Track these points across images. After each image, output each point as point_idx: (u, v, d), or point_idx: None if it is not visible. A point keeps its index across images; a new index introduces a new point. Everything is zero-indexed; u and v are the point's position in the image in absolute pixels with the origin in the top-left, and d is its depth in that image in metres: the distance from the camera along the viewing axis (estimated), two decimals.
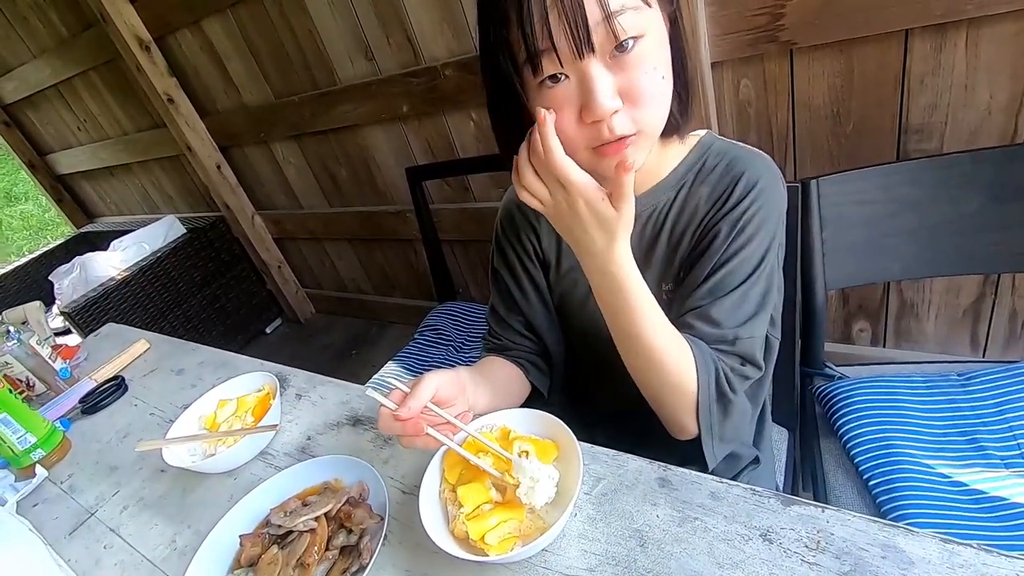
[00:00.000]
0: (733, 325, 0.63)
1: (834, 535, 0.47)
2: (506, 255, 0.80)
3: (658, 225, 0.69)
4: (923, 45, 1.05)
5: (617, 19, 0.49)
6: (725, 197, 0.64)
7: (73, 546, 0.75)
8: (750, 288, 0.63)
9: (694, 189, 0.67)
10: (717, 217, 0.64)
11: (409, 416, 0.54)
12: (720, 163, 0.67)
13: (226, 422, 0.83)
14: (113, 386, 1.06)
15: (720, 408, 0.63)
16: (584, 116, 0.53)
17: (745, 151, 0.68)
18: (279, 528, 0.61)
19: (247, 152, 2.35)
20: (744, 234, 0.63)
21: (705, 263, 0.64)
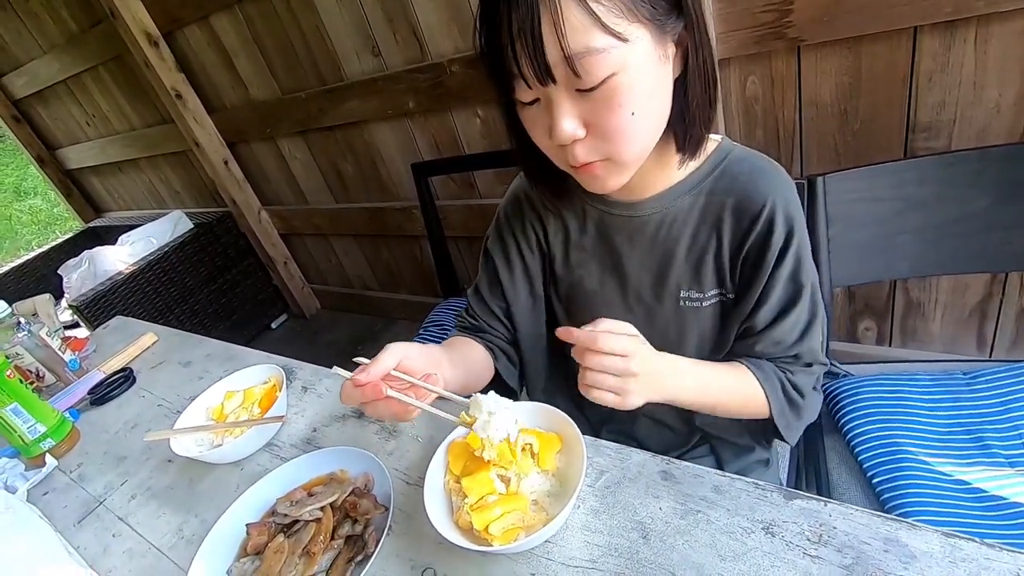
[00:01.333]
0: (794, 343, 0.67)
1: (836, 529, 0.47)
2: (504, 241, 0.80)
3: (675, 230, 0.68)
4: (932, 42, 1.05)
5: (579, 61, 0.48)
6: (764, 223, 0.63)
7: (82, 534, 0.76)
8: (803, 306, 0.66)
9: (717, 199, 0.66)
10: (755, 242, 0.64)
11: (367, 381, 0.54)
12: (742, 173, 0.65)
13: (233, 413, 0.83)
14: (121, 378, 1.07)
15: (793, 412, 0.68)
16: (551, 137, 0.54)
17: (767, 164, 0.67)
18: (285, 517, 0.62)
19: (254, 148, 2.36)
20: (788, 259, 0.64)
21: (753, 288, 0.65)
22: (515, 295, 0.80)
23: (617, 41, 0.48)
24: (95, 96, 2.76)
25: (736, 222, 0.65)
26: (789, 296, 0.65)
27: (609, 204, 0.71)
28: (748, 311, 0.66)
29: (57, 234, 5.55)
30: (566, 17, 0.47)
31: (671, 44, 0.54)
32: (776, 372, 0.68)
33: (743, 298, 0.67)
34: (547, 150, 0.58)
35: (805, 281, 0.65)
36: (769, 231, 0.63)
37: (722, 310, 0.70)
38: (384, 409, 0.56)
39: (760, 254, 0.64)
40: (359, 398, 0.55)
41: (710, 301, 0.69)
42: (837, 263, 0.96)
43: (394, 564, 0.57)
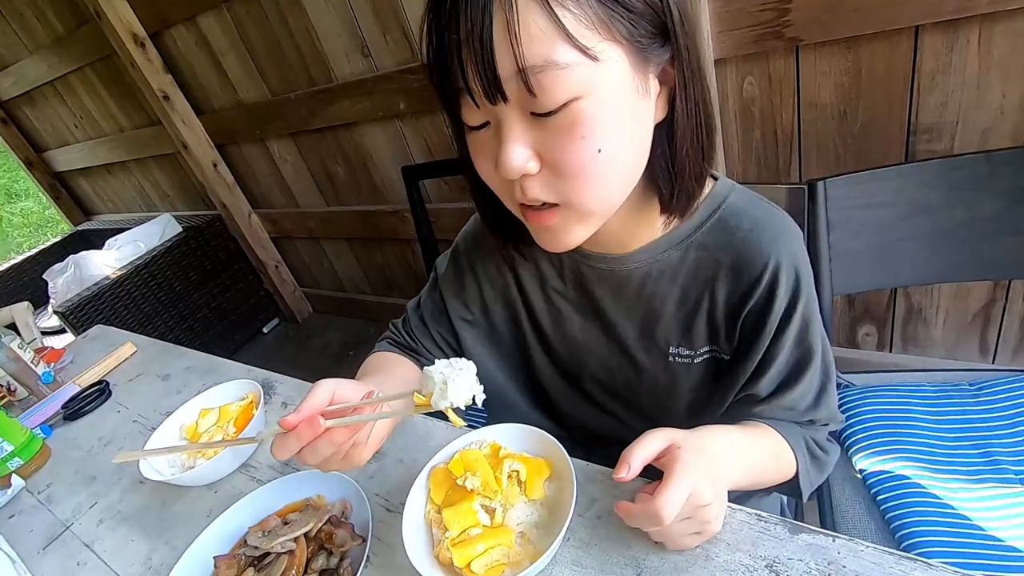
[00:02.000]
0: (807, 409, 0.60)
1: (846, 568, 0.44)
2: (462, 281, 0.70)
3: (662, 286, 0.60)
4: (934, 42, 1.02)
5: (536, 77, 0.40)
6: (765, 287, 0.54)
7: (46, 562, 0.72)
8: (814, 371, 0.58)
9: (710, 255, 0.57)
10: (756, 306, 0.55)
11: (298, 420, 0.46)
12: (741, 229, 0.55)
13: (207, 432, 0.79)
14: (97, 391, 1.03)
15: (816, 471, 0.62)
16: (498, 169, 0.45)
17: (769, 217, 0.56)
18: (256, 549, 0.58)
19: (244, 150, 2.32)
20: (793, 324, 0.55)
21: (752, 354, 0.57)
22: (466, 341, 0.70)
23: (584, 58, 0.40)
24: (82, 98, 2.72)
25: (733, 283, 0.56)
26: (796, 361, 0.57)
27: (585, 255, 0.62)
28: (747, 376, 0.58)
29: (48, 236, 5.49)
30: (524, 21, 0.39)
31: (653, 78, 0.45)
32: (798, 428, 0.61)
33: (741, 362, 0.58)
34: (495, 187, 0.49)
35: (815, 344, 0.57)
36: (771, 295, 0.54)
37: (716, 367, 0.62)
38: (326, 447, 0.47)
39: (761, 318, 0.55)
40: (294, 443, 0.46)
41: (702, 358, 0.61)
42: (837, 271, 0.93)
43: None
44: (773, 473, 0.59)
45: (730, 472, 0.50)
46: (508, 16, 0.39)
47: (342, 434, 0.47)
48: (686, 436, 0.48)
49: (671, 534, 0.47)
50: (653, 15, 0.43)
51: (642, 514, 0.46)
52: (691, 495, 0.44)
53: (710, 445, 0.49)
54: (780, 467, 0.59)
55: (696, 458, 0.46)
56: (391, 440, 0.70)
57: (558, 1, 0.39)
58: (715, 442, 0.50)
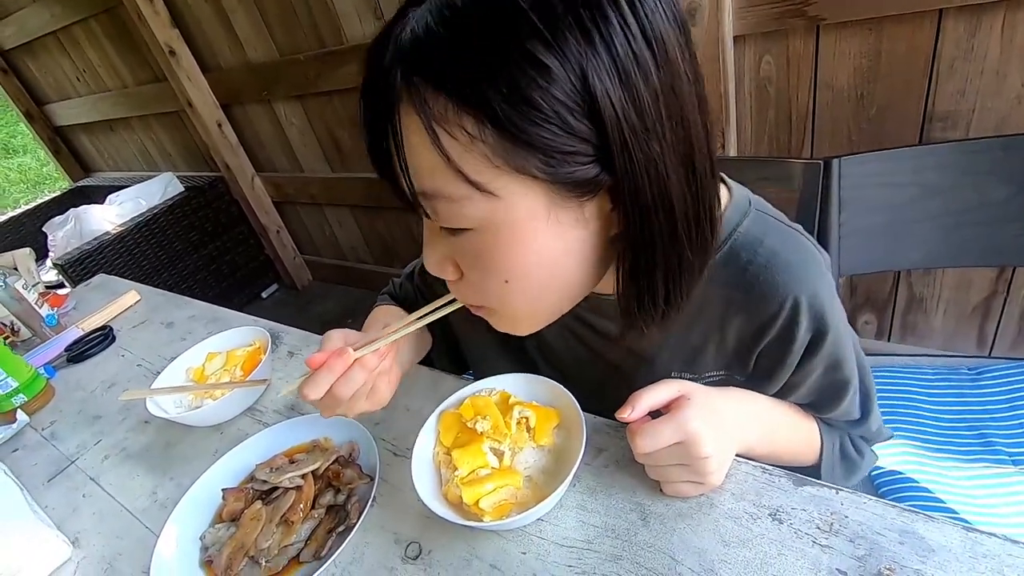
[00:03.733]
0: (854, 424, 0.60)
1: (848, 518, 0.45)
2: None
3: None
4: (956, 27, 1.01)
5: (429, 202, 0.39)
6: (783, 325, 0.49)
7: (51, 493, 0.73)
8: (854, 400, 0.56)
9: (720, 291, 0.50)
10: (773, 340, 0.50)
11: (326, 356, 0.48)
12: (755, 265, 0.48)
13: (214, 375, 0.80)
14: (100, 336, 1.03)
15: (844, 467, 0.61)
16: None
17: (791, 253, 0.49)
18: (264, 484, 0.58)
19: (249, 111, 2.29)
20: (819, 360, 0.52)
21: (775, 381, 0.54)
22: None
23: (476, 192, 0.37)
24: (86, 50, 2.67)
25: (746, 321, 0.51)
26: (833, 391, 0.55)
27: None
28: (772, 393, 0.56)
29: (46, 193, 5.43)
30: (412, 148, 0.37)
31: (591, 203, 0.39)
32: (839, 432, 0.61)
33: (762, 384, 0.55)
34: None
35: (850, 376, 0.54)
36: (790, 331, 0.49)
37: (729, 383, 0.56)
38: (360, 374, 0.48)
39: (781, 353, 0.51)
40: (326, 377, 0.48)
41: (709, 380, 0.56)
42: (846, 251, 0.93)
43: (377, 537, 0.54)
44: (795, 449, 0.57)
45: (743, 433, 0.50)
46: (396, 142, 0.37)
47: (372, 360, 0.49)
48: (699, 390, 0.48)
49: (664, 474, 0.48)
50: (586, 144, 0.36)
51: (627, 432, 0.47)
52: (685, 442, 0.45)
53: (723, 403, 0.49)
54: (803, 448, 0.58)
55: (700, 410, 0.46)
56: (398, 389, 0.71)
57: (446, 132, 0.35)
58: (731, 402, 0.51)
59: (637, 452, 0.47)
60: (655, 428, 0.46)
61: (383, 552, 0.53)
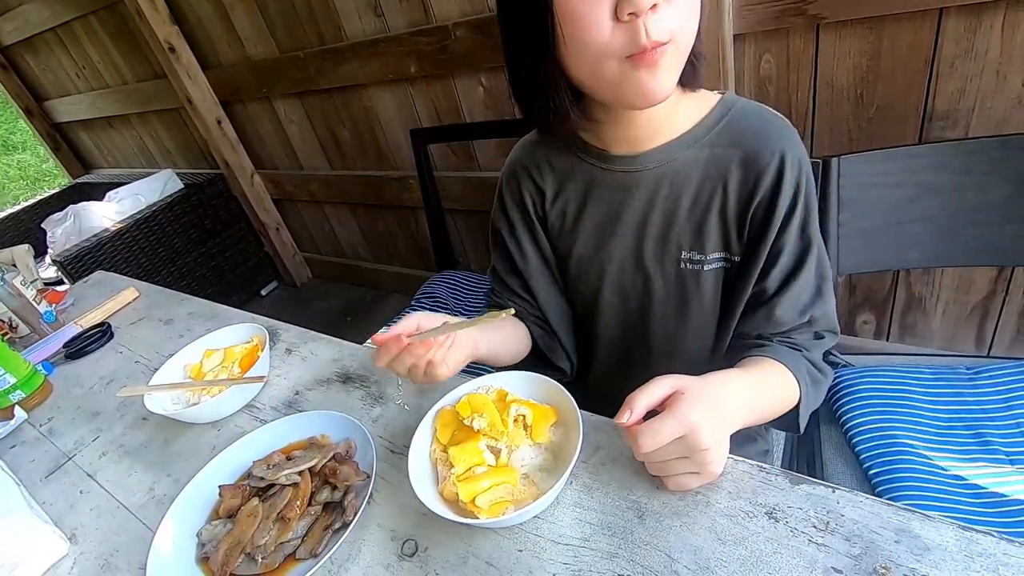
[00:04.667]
0: (807, 309, 0.64)
1: (844, 516, 0.45)
2: (507, 213, 0.76)
3: (677, 185, 0.64)
4: (957, 26, 1.01)
5: None
6: (773, 176, 0.60)
7: (49, 489, 0.73)
8: (811, 263, 0.63)
9: (722, 151, 0.62)
10: (764, 196, 0.61)
11: (386, 337, 0.57)
12: (750, 127, 0.62)
13: (212, 372, 0.80)
14: (99, 332, 1.03)
15: (815, 394, 0.65)
16: (620, 10, 0.48)
17: (775, 118, 0.63)
18: (261, 480, 0.58)
19: (249, 108, 2.29)
20: (797, 213, 0.61)
21: (762, 247, 0.62)
22: (528, 268, 0.76)
23: None
24: (86, 47, 2.67)
25: (743, 176, 0.62)
26: (799, 253, 0.62)
27: (608, 160, 0.67)
28: (757, 273, 0.63)
29: (45, 190, 5.43)
30: None
31: None
32: (799, 355, 0.64)
33: (751, 259, 0.63)
34: (600, 41, 0.50)
35: (813, 236, 0.62)
36: (778, 184, 0.60)
37: (725, 277, 0.67)
38: (407, 359, 0.58)
39: (769, 209, 0.61)
40: (384, 355, 0.58)
41: (712, 265, 0.66)
42: (845, 250, 0.94)
43: (374, 534, 0.55)
44: (779, 404, 0.61)
45: (737, 415, 0.51)
46: None
47: (419, 348, 0.58)
48: (691, 383, 0.49)
49: (666, 469, 0.49)
50: None
51: (628, 436, 0.49)
52: (687, 436, 0.46)
53: (716, 392, 0.50)
54: (782, 400, 0.61)
55: (696, 404, 0.47)
56: (396, 387, 0.71)
57: None
58: (721, 389, 0.52)
59: (639, 452, 0.48)
60: (656, 426, 0.47)
61: (380, 549, 0.53)
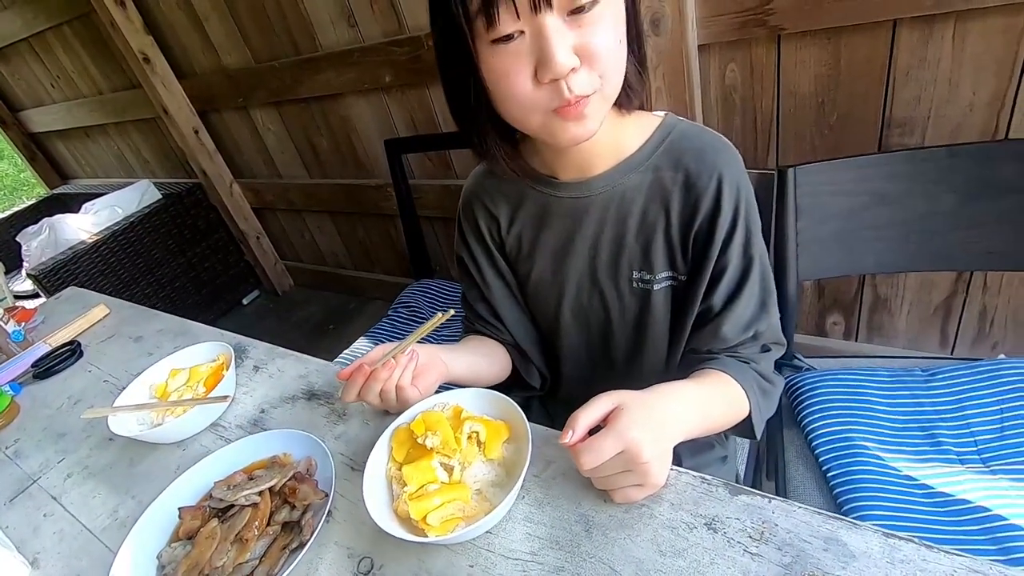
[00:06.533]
0: (751, 324, 0.65)
1: (778, 526, 0.46)
2: (468, 242, 0.78)
3: (624, 208, 0.67)
4: (911, 36, 1.03)
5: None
6: (712, 198, 0.62)
7: (12, 513, 0.73)
8: (754, 279, 0.65)
9: (664, 175, 0.65)
10: (705, 217, 0.63)
11: (350, 371, 0.61)
12: (690, 149, 0.64)
13: (177, 391, 0.80)
14: (68, 351, 1.03)
15: (767, 405, 0.66)
16: (540, 75, 0.50)
17: (714, 140, 0.66)
18: (220, 502, 0.59)
19: (226, 117, 2.29)
20: (738, 233, 0.63)
21: (706, 265, 0.64)
22: (492, 295, 0.78)
23: None
24: (60, 57, 2.64)
25: (684, 198, 0.64)
26: (742, 271, 0.64)
27: (556, 187, 0.69)
28: (703, 291, 0.65)
29: (23, 200, 5.36)
30: None
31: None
32: (747, 367, 0.66)
33: (696, 278, 0.66)
34: (527, 96, 0.52)
35: (755, 254, 0.64)
36: (717, 206, 0.62)
37: (674, 295, 0.69)
38: (375, 385, 0.60)
39: (710, 230, 0.63)
40: (352, 388, 0.61)
41: (661, 284, 0.68)
42: (804, 256, 0.96)
43: (332, 552, 0.56)
44: (727, 416, 0.63)
45: (680, 427, 0.53)
46: None
47: (383, 372, 0.61)
48: (632, 398, 0.51)
49: (610, 483, 0.51)
50: None
51: (572, 453, 0.50)
52: (626, 451, 0.47)
53: (658, 405, 0.52)
54: (733, 410, 0.63)
55: (636, 418, 0.49)
56: (358, 404, 0.72)
57: None
58: (664, 402, 0.53)
59: (582, 469, 0.49)
60: (596, 444, 0.48)
61: (336, 568, 0.54)
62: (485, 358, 0.78)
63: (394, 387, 0.61)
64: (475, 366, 0.74)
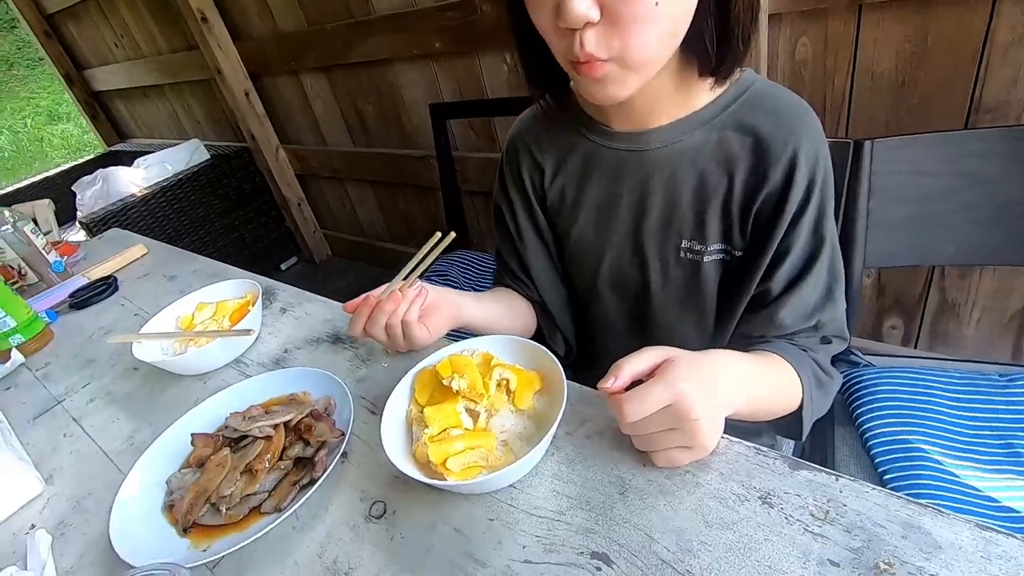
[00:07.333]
0: (813, 313, 0.59)
1: (846, 507, 0.40)
2: (507, 191, 0.74)
3: (682, 169, 0.60)
4: (1014, 10, 0.93)
5: None
6: (785, 167, 0.55)
7: (35, 431, 0.72)
8: (822, 264, 0.58)
9: (733, 136, 0.57)
10: (773, 190, 0.56)
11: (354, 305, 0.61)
12: (766, 110, 0.56)
13: (202, 324, 0.78)
14: (104, 285, 1.03)
15: (821, 399, 0.60)
16: (558, 19, 0.45)
17: (795, 103, 0.58)
18: (234, 432, 0.56)
19: (277, 82, 2.30)
20: (810, 210, 0.56)
21: (768, 243, 0.57)
22: (525, 249, 0.74)
23: None
24: (124, 16, 2.71)
25: (753, 165, 0.56)
26: (809, 253, 0.57)
27: (610, 137, 0.63)
28: (762, 271, 0.58)
29: (84, 158, 5.59)
30: None
31: None
32: (805, 355, 0.59)
33: (756, 255, 0.58)
34: (549, 36, 0.49)
35: (826, 235, 0.57)
36: (790, 177, 0.55)
37: (725, 270, 0.62)
38: (380, 316, 0.59)
39: (778, 204, 0.56)
40: (358, 319, 0.60)
41: (712, 257, 0.61)
42: (873, 241, 0.87)
43: (344, 493, 0.52)
44: (778, 402, 0.56)
45: (731, 395, 0.47)
46: None
47: (388, 304, 0.59)
48: (683, 353, 0.46)
49: (653, 442, 0.45)
50: None
51: (612, 404, 0.45)
52: (675, 405, 0.42)
53: (709, 365, 0.46)
54: (784, 397, 0.56)
55: (687, 372, 0.43)
56: (384, 351, 0.69)
57: None
58: (717, 364, 0.47)
59: (624, 421, 0.44)
60: (642, 393, 0.43)
61: (347, 509, 0.51)
62: (508, 310, 0.74)
63: (399, 322, 0.59)
64: (493, 315, 0.70)
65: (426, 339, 0.61)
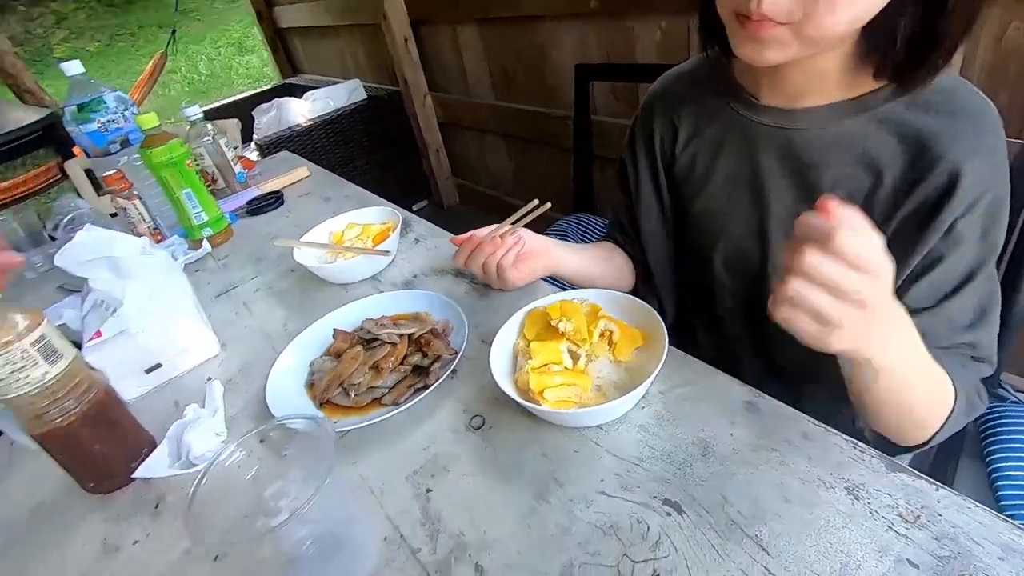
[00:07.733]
0: (967, 327, 0.53)
1: (941, 517, 0.39)
2: (635, 147, 0.73)
3: (828, 155, 0.55)
4: None
5: None
6: (946, 171, 0.48)
7: (216, 306, 0.88)
8: (980, 286, 0.52)
9: (891, 131, 0.51)
10: (930, 195, 0.50)
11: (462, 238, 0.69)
12: (937, 104, 0.49)
13: (350, 241, 0.90)
14: (273, 198, 1.20)
15: (964, 419, 0.53)
16: None
17: (973, 98, 0.50)
18: (368, 333, 0.66)
19: (433, 30, 2.41)
20: (973, 224, 0.50)
21: (908, 255, 0.51)
22: (641, 209, 0.74)
23: None
24: None
25: (910, 163, 0.51)
26: (967, 268, 0.51)
27: (755, 109, 0.60)
28: (901, 278, 0.53)
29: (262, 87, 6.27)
30: None
31: None
32: (964, 370, 0.53)
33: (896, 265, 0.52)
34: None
35: (990, 251, 0.52)
36: (954, 182, 0.48)
37: None
38: (479, 256, 0.67)
39: (934, 209, 0.50)
40: (461, 253, 0.69)
41: None
42: None
43: (449, 403, 0.59)
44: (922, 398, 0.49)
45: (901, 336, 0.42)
46: None
47: (488, 247, 0.67)
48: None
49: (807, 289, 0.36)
50: None
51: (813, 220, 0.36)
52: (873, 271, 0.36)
53: None
54: (930, 399, 0.49)
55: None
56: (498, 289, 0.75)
57: None
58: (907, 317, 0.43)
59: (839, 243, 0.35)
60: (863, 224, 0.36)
61: (451, 416, 0.57)
62: (607, 265, 0.75)
63: (495, 264, 0.66)
64: (588, 267, 0.73)
65: (516, 281, 0.67)
